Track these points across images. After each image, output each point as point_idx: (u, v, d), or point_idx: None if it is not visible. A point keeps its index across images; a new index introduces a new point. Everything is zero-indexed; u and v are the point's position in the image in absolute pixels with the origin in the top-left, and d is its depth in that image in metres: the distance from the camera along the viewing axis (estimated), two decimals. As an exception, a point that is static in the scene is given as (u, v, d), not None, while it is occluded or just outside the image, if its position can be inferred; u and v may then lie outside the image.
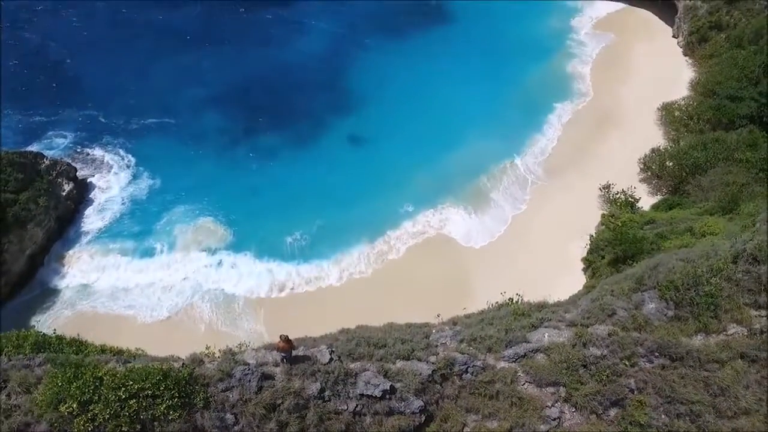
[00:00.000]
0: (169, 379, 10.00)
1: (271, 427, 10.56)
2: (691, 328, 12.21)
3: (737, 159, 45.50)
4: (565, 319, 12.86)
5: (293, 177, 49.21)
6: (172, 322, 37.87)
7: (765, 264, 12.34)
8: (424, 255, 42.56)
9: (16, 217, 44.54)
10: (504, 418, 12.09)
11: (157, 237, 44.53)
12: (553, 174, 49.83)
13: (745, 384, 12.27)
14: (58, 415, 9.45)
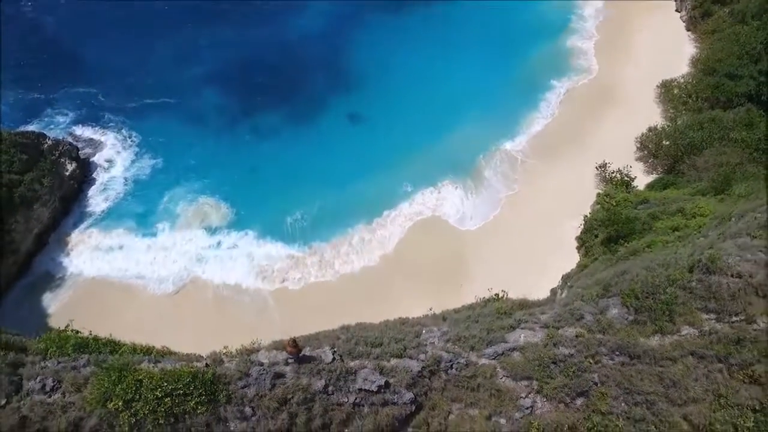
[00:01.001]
0: (197, 380, 12.07)
1: (282, 418, 12.70)
2: (648, 330, 14.21)
3: (733, 139, 46.80)
4: (539, 321, 14.85)
5: (293, 156, 50.70)
6: (178, 297, 40.17)
7: (716, 274, 14.23)
8: (421, 235, 44.60)
9: (22, 198, 46.29)
10: (484, 407, 14.25)
11: (159, 216, 46.50)
12: (549, 153, 51.23)
13: (695, 377, 14.37)
14: (106, 411, 11.55)
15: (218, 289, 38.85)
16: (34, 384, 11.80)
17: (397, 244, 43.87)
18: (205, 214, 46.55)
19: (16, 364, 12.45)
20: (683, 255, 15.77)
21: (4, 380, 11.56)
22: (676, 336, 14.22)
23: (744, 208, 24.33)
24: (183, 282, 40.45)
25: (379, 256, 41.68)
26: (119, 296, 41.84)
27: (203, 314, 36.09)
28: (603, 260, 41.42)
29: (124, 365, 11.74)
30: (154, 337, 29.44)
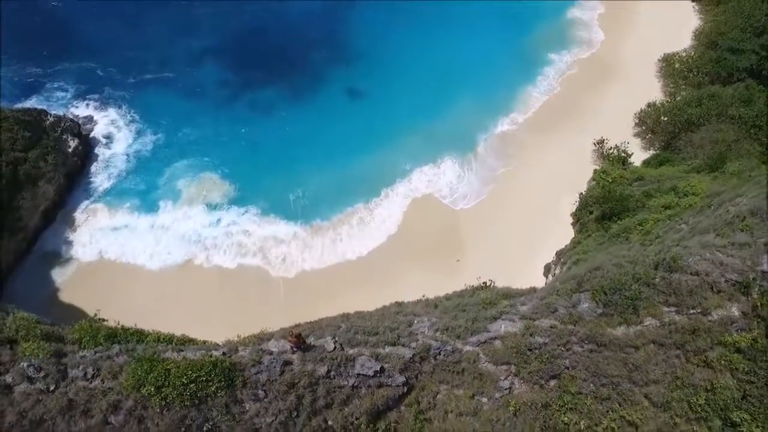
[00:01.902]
0: (216, 368, 14.24)
1: (291, 399, 14.94)
2: (615, 321, 16.28)
3: (730, 115, 47.95)
4: (519, 312, 16.91)
5: (293, 131, 51.97)
6: (180, 277, 42.05)
7: (677, 272, 16.17)
8: (419, 213, 46.41)
9: (28, 175, 47.95)
10: (468, 388, 16.50)
11: (162, 193, 48.15)
12: (547, 129, 52.40)
13: (655, 362, 16.54)
14: (140, 395, 13.77)
15: (220, 269, 40.84)
16: (77, 372, 13.98)
17: (395, 222, 45.63)
18: (207, 191, 48.16)
19: (60, 353, 14.62)
20: (651, 253, 17.66)
21: (52, 369, 13.72)
22: (640, 326, 16.30)
23: (724, 198, 26.07)
24: (185, 262, 42.32)
25: (379, 234, 43.51)
26: (123, 276, 43.62)
27: (205, 294, 38.25)
28: (596, 237, 43.55)
29: (154, 357, 13.87)
30: (158, 317, 31.93)
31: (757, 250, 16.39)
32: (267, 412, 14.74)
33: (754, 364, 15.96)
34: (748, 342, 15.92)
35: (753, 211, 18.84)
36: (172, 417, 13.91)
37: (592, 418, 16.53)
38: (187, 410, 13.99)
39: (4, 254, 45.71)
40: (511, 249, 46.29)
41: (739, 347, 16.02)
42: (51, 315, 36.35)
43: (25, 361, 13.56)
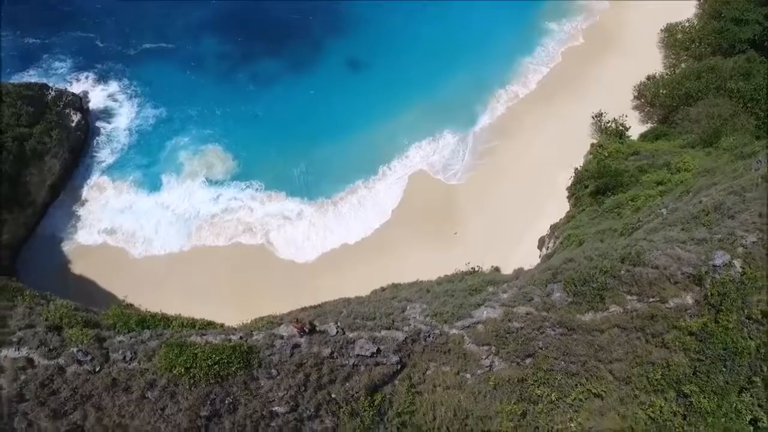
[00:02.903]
0: (236, 351, 17.08)
1: (299, 376, 17.86)
2: (583, 308, 18.98)
3: (728, 89, 49.46)
4: (500, 299, 19.62)
5: (293, 103, 53.62)
6: (185, 256, 44.31)
7: (640, 266, 18.76)
8: (418, 189, 48.71)
9: (34, 151, 50.17)
10: (453, 365, 19.40)
11: (164, 166, 50.24)
12: (547, 101, 53.90)
13: (618, 343, 19.35)
14: (172, 375, 16.66)
15: (225, 248, 43.33)
16: (118, 355, 16.84)
17: (396, 197, 47.91)
18: (209, 164, 50.27)
19: (100, 338, 17.45)
20: (619, 246, 20.17)
21: (96, 353, 16.57)
22: (605, 313, 19.02)
23: (701, 185, 28.35)
24: (188, 241, 44.45)
25: (380, 210, 45.87)
26: (126, 257, 45.92)
27: (209, 274, 40.86)
28: (589, 212, 46.17)
29: (183, 342, 16.69)
30: (164, 298, 34.82)
31: (712, 246, 18.89)
32: (279, 388, 17.69)
33: (704, 345, 18.77)
34: (699, 326, 18.67)
35: (717, 206, 21.22)
36: (198, 392, 16.87)
37: (562, 390, 19.49)
38: (211, 387, 16.93)
39: (15, 227, 48.57)
40: (507, 222, 48.81)
41: (691, 330, 18.77)
42: (61, 287, 39.46)
43: (74, 346, 16.38)
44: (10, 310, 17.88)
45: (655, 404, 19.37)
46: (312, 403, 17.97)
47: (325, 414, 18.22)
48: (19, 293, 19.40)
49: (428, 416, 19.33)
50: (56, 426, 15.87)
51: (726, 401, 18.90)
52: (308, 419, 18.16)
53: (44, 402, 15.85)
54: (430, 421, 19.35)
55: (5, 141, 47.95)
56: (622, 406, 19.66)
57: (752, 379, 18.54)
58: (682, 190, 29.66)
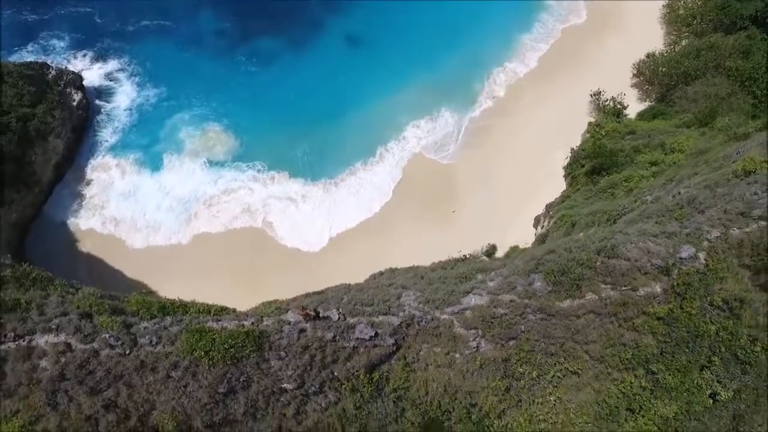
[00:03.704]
0: (249, 336, 19.70)
1: (305, 357, 20.53)
2: (562, 296, 21.48)
3: (727, 67, 50.98)
4: (487, 287, 22.12)
5: (293, 81, 55.22)
6: (190, 241, 46.54)
7: (614, 258, 21.17)
8: (417, 168, 50.84)
9: (37, 131, 52.22)
10: (444, 346, 22.05)
11: (166, 146, 52.26)
12: (546, 78, 55.41)
13: (593, 327, 21.92)
14: (193, 357, 19.32)
15: (228, 232, 45.61)
16: (145, 340, 19.48)
17: (396, 177, 50.09)
18: (211, 144, 52.31)
19: (128, 325, 20.07)
20: (597, 239, 22.54)
21: (126, 339, 19.21)
22: (582, 300, 21.54)
23: (684, 174, 30.48)
24: (191, 225, 46.52)
25: (380, 190, 48.08)
26: (131, 244, 48.17)
27: (215, 257, 43.34)
28: (584, 191, 48.47)
29: (203, 328, 19.30)
30: (170, 283, 37.20)
31: (680, 240, 21.24)
32: (288, 367, 20.40)
33: (669, 329, 21.35)
34: (665, 312, 21.19)
35: (690, 201, 23.47)
36: (216, 372, 19.58)
37: (542, 368, 22.19)
38: (228, 367, 19.63)
39: (23, 207, 51.06)
40: (504, 200, 51.16)
41: (659, 316, 21.31)
42: (68, 269, 42.01)
43: (106, 332, 19.00)
44: (45, 299, 20.40)
45: (626, 380, 22.09)
46: (317, 381, 20.72)
47: (328, 390, 21.01)
48: (50, 283, 21.87)
49: (421, 391, 22.12)
50: (93, 401, 18.62)
51: (688, 378, 21.60)
52: (313, 394, 20.96)
53: (82, 381, 18.56)
54: (423, 396, 22.16)
55: (9, 121, 49.83)
56: (596, 382, 22.39)
57: (712, 358, 21.19)
58: (667, 179, 31.77)
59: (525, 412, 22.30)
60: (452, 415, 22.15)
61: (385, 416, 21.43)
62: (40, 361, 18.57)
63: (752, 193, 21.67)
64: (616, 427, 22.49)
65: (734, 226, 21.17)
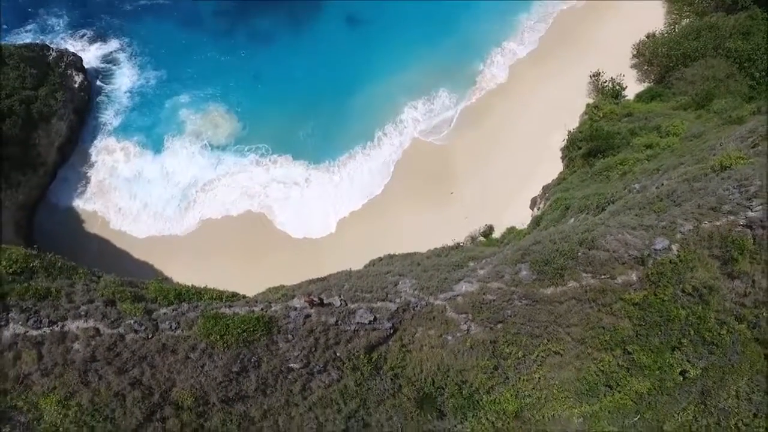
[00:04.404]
0: (260, 320, 22.32)
1: (311, 340, 23.20)
2: (546, 284, 23.99)
3: (726, 48, 52.44)
4: (477, 275, 24.63)
5: (294, 62, 56.74)
6: (195, 228, 48.69)
7: (594, 249, 23.59)
8: (417, 149, 52.81)
9: (40, 113, 54.28)
10: (437, 329, 24.69)
11: (168, 128, 54.15)
12: (545, 58, 56.84)
13: (574, 312, 24.49)
14: (209, 340, 21.99)
15: (230, 217, 47.82)
16: (165, 325, 22.11)
17: (395, 158, 52.15)
18: (213, 126, 54.25)
19: (149, 311, 22.69)
20: (580, 230, 24.91)
21: (148, 324, 21.85)
22: (564, 287, 24.05)
23: (673, 163, 32.62)
24: (195, 213, 48.66)
25: (381, 171, 50.20)
26: (134, 232, 50.37)
27: (219, 243, 45.71)
28: (580, 174, 50.67)
29: (218, 314, 21.91)
30: (176, 264, 39.53)
31: (656, 233, 23.62)
32: (294, 349, 23.09)
33: (644, 313, 23.92)
34: (640, 298, 23.71)
35: (669, 194, 25.74)
36: (230, 353, 22.28)
37: (527, 349, 24.85)
38: (240, 349, 22.32)
39: (29, 189, 53.47)
40: (502, 181, 53.38)
41: (634, 302, 23.83)
42: (74, 251, 44.45)
43: (130, 318, 21.63)
44: (72, 287, 23.00)
45: (604, 360, 24.80)
46: (321, 361, 23.43)
47: (331, 368, 23.75)
48: (75, 271, 24.41)
49: (416, 369, 24.86)
50: (120, 379, 21.39)
51: (661, 357, 24.28)
52: (318, 373, 23.72)
53: (110, 362, 21.29)
54: (418, 374, 24.91)
55: (12, 105, 51.79)
56: (577, 361, 25.11)
57: (682, 340, 23.82)
58: (655, 168, 33.91)
59: (511, 388, 25.06)
60: (445, 391, 24.92)
61: (383, 392, 24.23)
62: (73, 344, 21.25)
63: (724, 188, 23.91)
64: (596, 402, 25.39)
65: (705, 219, 23.49)
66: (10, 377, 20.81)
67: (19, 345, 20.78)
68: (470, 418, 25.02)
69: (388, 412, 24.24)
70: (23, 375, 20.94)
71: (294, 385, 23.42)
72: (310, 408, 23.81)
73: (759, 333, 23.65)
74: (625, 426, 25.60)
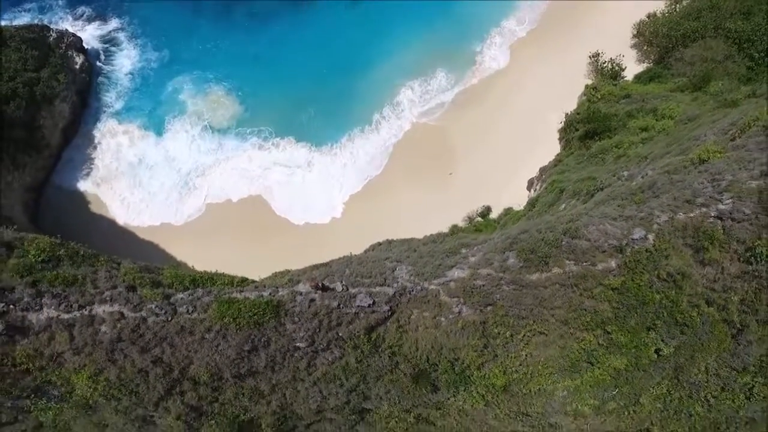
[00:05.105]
0: (269, 305, 25.31)
1: (315, 322, 26.22)
2: (532, 271, 26.84)
3: (726, 29, 54.23)
4: (468, 262, 27.47)
5: (293, 43, 58.54)
6: (200, 213, 51.47)
7: (576, 238, 26.36)
8: (416, 131, 55.07)
9: (43, 95, 56.63)
10: (431, 312, 27.66)
11: (170, 111, 56.33)
12: (545, 39, 58.56)
13: (558, 296, 27.38)
14: (223, 322, 25.03)
15: (235, 203, 50.38)
16: (182, 309, 25.11)
17: (395, 140, 54.53)
18: (214, 108, 56.46)
19: (167, 296, 25.67)
20: (564, 220, 27.64)
21: (168, 308, 24.85)
22: (549, 273, 26.91)
23: (660, 151, 35.10)
24: (197, 198, 51.21)
25: (378, 154, 52.68)
26: (138, 219, 53.05)
27: (223, 228, 48.46)
28: (576, 156, 53.17)
29: (230, 299, 24.88)
30: (180, 245, 42.23)
31: (634, 223, 26.35)
32: (300, 330, 26.13)
33: (622, 297, 26.80)
34: (619, 283, 26.55)
35: (650, 185, 28.36)
36: (242, 334, 25.33)
37: (514, 329, 27.84)
38: (251, 330, 25.36)
39: (35, 171, 56.17)
40: (500, 162, 55.87)
41: (613, 287, 26.67)
42: (80, 233, 47.21)
43: (151, 303, 24.61)
44: (95, 274, 25.94)
45: (585, 339, 27.78)
46: (324, 340, 26.50)
47: (334, 347, 26.84)
48: (96, 259, 27.31)
49: (412, 348, 27.94)
50: (144, 358, 24.50)
51: (637, 337, 27.27)
52: (322, 351, 26.81)
53: (134, 342, 24.36)
54: (413, 352, 27.99)
55: (16, 87, 54.07)
56: (561, 340, 28.12)
57: (656, 321, 26.76)
58: (642, 156, 36.39)
59: (500, 365, 28.16)
60: (438, 367, 28.03)
61: (382, 368, 27.36)
62: (100, 327, 24.30)
63: (699, 182, 26.51)
64: (578, 377, 28.54)
65: (680, 211, 26.17)
66: (45, 355, 23.91)
67: (53, 327, 23.80)
68: (462, 391, 28.19)
69: (386, 387, 27.41)
70: (57, 354, 24.04)
71: (300, 362, 26.53)
72: (314, 383, 27.00)
73: (727, 315, 26.56)
74: (605, 398, 28.82)
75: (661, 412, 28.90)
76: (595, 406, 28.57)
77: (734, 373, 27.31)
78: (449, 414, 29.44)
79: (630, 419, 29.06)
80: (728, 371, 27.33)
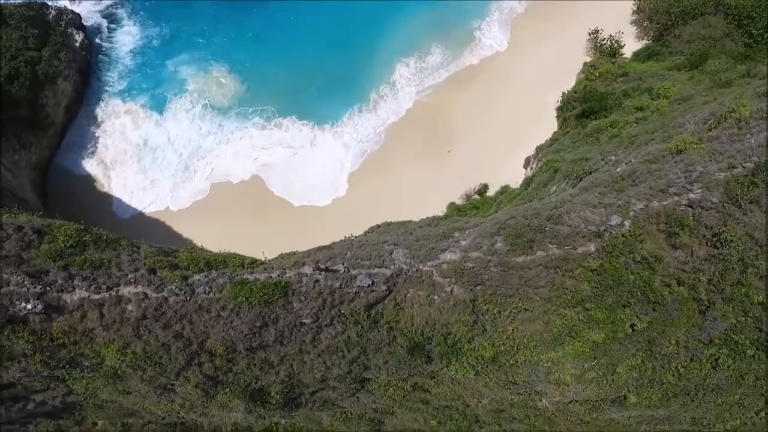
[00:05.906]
0: (277, 285, 29.16)
1: (319, 300, 30.11)
2: (517, 254, 30.54)
3: (726, 5, 56.62)
4: (460, 246, 31.18)
5: (293, 19, 60.87)
6: (203, 196, 54.85)
7: (559, 224, 29.97)
8: (414, 110, 58.03)
9: (45, 74, 59.52)
10: (425, 290, 31.50)
11: (172, 90, 59.12)
12: (544, 16, 60.89)
13: (542, 276, 31.12)
14: (236, 301, 28.93)
15: (235, 184, 53.65)
16: (200, 290, 28.97)
17: (396, 116, 57.50)
18: (216, 89, 59.31)
19: (185, 277, 29.52)
20: (549, 207, 31.19)
21: (186, 289, 28.73)
22: (533, 256, 30.63)
23: (642, 140, 38.35)
24: (199, 180, 54.42)
25: (378, 132, 55.82)
26: (143, 190, 56.43)
27: (228, 210, 51.93)
28: (572, 135, 56.42)
29: (243, 281, 28.73)
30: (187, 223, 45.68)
31: (613, 210, 29.92)
32: (306, 307, 30.04)
33: (600, 278, 30.55)
34: (597, 265, 30.26)
35: (631, 173, 31.81)
36: (254, 312, 29.27)
37: (502, 306, 31.70)
38: (262, 308, 29.29)
39: (41, 149, 59.53)
40: (497, 140, 59.10)
41: (592, 268, 30.38)
42: (86, 206, 50.72)
43: (171, 284, 28.48)
44: (118, 257, 29.74)
45: (567, 315, 31.65)
46: (328, 317, 30.45)
47: (336, 323, 30.81)
48: (117, 243, 31.06)
49: (408, 323, 31.90)
50: (166, 333, 28.49)
51: (613, 314, 31.12)
52: (325, 326, 30.80)
53: (158, 319, 28.31)
54: (409, 327, 31.97)
55: (19, 66, 56.90)
56: (544, 316, 32.01)
57: (630, 300, 30.58)
58: (630, 140, 39.63)
59: (489, 339, 32.14)
60: (432, 341, 32.03)
61: (380, 342, 31.41)
62: (127, 306, 28.20)
63: (674, 172, 29.94)
64: (560, 349, 32.56)
65: (655, 200, 29.69)
66: (79, 331, 27.88)
67: (85, 306, 27.70)
68: (454, 362, 32.27)
69: (384, 358, 31.52)
70: (88, 330, 28.01)
71: (306, 336, 30.54)
72: (319, 355, 31.10)
73: (696, 293, 30.37)
74: (585, 369, 32.93)
75: (636, 381, 32.97)
76: (576, 375, 32.57)
77: (701, 346, 31.23)
78: (443, 382, 33.62)
79: (608, 387, 33.15)
80: (696, 344, 31.25)
